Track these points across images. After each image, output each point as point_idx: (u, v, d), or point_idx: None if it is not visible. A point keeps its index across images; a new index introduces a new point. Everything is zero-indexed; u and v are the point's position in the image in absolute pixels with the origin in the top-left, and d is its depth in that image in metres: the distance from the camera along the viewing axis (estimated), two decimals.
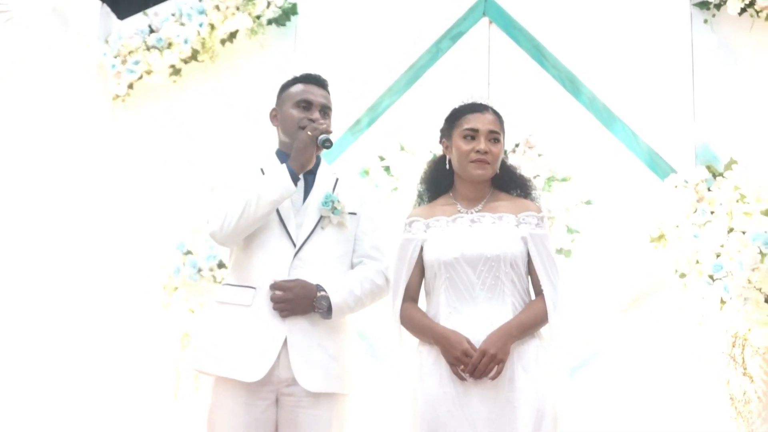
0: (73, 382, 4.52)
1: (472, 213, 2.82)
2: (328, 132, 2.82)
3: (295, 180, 2.78)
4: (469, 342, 2.64)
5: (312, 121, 2.87)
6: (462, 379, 2.64)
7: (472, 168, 2.79)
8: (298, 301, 2.75)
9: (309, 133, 2.79)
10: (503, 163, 2.89)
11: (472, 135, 2.80)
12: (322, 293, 2.77)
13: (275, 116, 3.02)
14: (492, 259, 2.70)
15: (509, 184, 2.89)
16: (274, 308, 2.76)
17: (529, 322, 2.69)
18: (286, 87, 3.02)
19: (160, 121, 5.05)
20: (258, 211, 2.74)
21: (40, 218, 4.54)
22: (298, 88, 2.97)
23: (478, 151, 2.78)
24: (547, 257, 2.75)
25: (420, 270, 2.84)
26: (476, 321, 2.67)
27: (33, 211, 4.52)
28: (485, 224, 2.78)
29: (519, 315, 2.69)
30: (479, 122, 2.81)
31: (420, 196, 3.00)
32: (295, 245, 2.83)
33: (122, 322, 4.69)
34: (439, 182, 2.95)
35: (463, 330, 2.66)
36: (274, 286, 2.76)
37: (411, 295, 2.84)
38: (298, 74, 3.05)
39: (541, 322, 2.71)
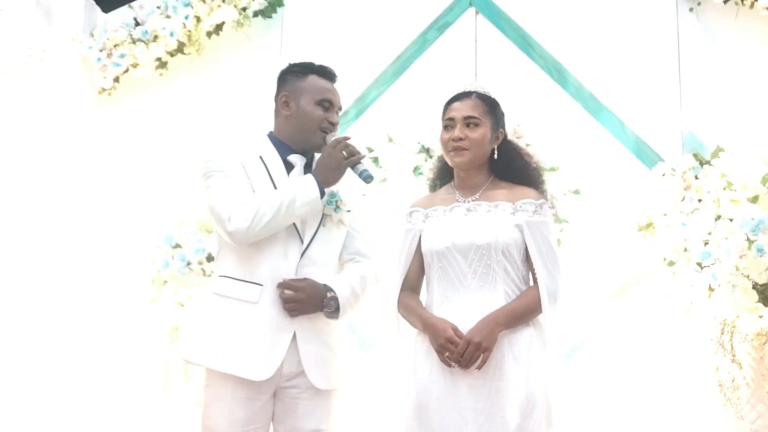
0: (62, 377, 4.50)
1: (468, 202, 2.81)
2: (363, 157, 2.80)
3: (322, 196, 2.77)
4: (455, 329, 2.63)
5: (332, 124, 2.85)
6: (448, 365, 2.64)
7: (451, 157, 2.81)
8: (310, 301, 2.74)
9: (345, 154, 2.76)
10: (506, 150, 2.86)
11: (450, 124, 2.82)
12: (332, 294, 2.76)
13: (286, 103, 2.89)
14: (483, 248, 2.69)
15: (508, 172, 2.85)
16: (285, 308, 2.73)
17: (520, 311, 2.67)
18: (301, 74, 2.91)
19: (147, 115, 5.02)
20: (286, 220, 2.72)
21: (27, 213, 4.51)
22: (320, 83, 2.89)
23: (453, 139, 2.78)
24: (544, 245, 2.72)
25: (419, 260, 2.85)
26: (468, 310, 2.67)
27: (19, 205, 4.49)
28: (480, 213, 2.77)
29: (509, 303, 2.67)
30: (456, 111, 2.81)
31: (432, 186, 3.01)
32: (302, 242, 2.81)
33: (111, 317, 4.67)
34: (443, 173, 2.96)
35: (454, 319, 2.66)
36: (284, 285, 2.73)
37: (410, 285, 2.85)
38: (314, 62, 2.96)
39: (534, 312, 2.69)
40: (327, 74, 2.92)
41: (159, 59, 4.97)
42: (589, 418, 4.16)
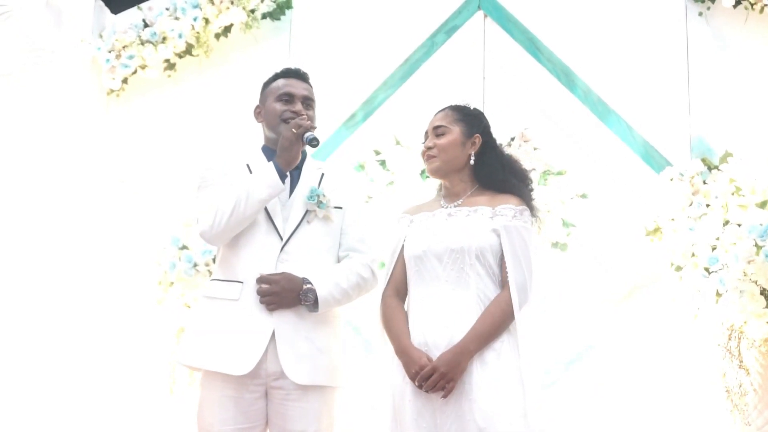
0: (68, 379, 4.51)
1: (450, 207, 2.86)
2: (313, 128, 2.84)
3: (283, 178, 2.80)
4: (429, 358, 2.66)
5: (295, 113, 2.90)
6: (426, 391, 2.67)
7: (426, 166, 2.93)
8: (285, 293, 2.77)
9: (294, 130, 2.81)
10: (487, 158, 2.90)
11: (425, 136, 2.96)
12: (309, 286, 2.78)
13: (259, 113, 3.06)
14: (456, 251, 2.73)
15: (490, 181, 2.89)
16: (261, 302, 2.77)
17: (488, 330, 2.67)
18: (268, 83, 3.07)
19: (155, 116, 5.03)
20: (247, 210, 2.77)
21: (34, 214, 4.52)
22: (280, 82, 3.02)
23: (425, 149, 2.92)
24: (521, 248, 2.74)
25: (404, 264, 2.89)
26: (440, 313, 2.71)
27: (27, 206, 4.51)
28: (459, 218, 2.82)
29: (475, 326, 2.67)
30: (429, 123, 2.96)
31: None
32: (282, 239, 2.84)
33: (118, 318, 4.68)
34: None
35: (427, 322, 2.71)
36: (261, 280, 2.78)
37: (397, 288, 2.89)
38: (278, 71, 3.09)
39: (505, 322, 2.69)
40: (290, 73, 3.04)
41: (167, 61, 4.98)
42: (595, 422, 4.15)
